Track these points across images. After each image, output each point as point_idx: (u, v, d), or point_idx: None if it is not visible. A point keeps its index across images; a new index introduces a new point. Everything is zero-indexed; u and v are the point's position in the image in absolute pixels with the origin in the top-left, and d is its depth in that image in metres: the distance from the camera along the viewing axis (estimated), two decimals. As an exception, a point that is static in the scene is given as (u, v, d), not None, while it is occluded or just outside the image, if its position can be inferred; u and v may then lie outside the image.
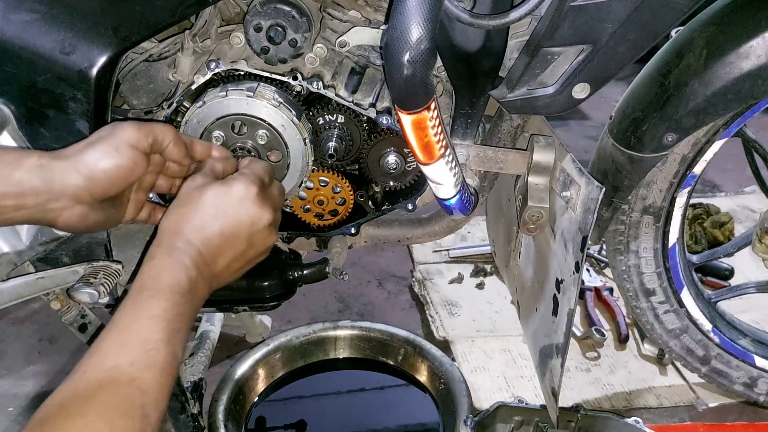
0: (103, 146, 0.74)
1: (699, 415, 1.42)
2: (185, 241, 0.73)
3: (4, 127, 0.89)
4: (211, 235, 0.75)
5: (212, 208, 0.76)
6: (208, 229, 0.75)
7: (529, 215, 1.01)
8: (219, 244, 0.76)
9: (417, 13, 0.74)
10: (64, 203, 0.73)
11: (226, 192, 0.77)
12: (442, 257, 1.88)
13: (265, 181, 0.82)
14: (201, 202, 0.76)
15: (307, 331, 1.43)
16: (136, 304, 0.67)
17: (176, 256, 0.72)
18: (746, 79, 1.01)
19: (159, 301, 0.68)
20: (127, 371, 0.62)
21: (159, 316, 0.66)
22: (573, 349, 1.57)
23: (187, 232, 0.74)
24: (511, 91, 0.93)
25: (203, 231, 0.75)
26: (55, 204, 0.72)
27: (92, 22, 0.87)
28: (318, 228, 1.16)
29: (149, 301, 0.68)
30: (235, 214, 0.77)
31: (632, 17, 0.84)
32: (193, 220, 0.75)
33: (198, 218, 0.75)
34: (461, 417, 1.21)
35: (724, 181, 2.31)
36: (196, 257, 0.73)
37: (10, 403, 1.39)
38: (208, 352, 1.32)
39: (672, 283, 1.29)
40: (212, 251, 0.76)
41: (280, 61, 1.00)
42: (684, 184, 1.20)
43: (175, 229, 0.75)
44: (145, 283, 0.69)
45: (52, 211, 0.73)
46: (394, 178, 1.10)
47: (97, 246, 1.00)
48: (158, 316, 0.66)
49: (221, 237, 0.76)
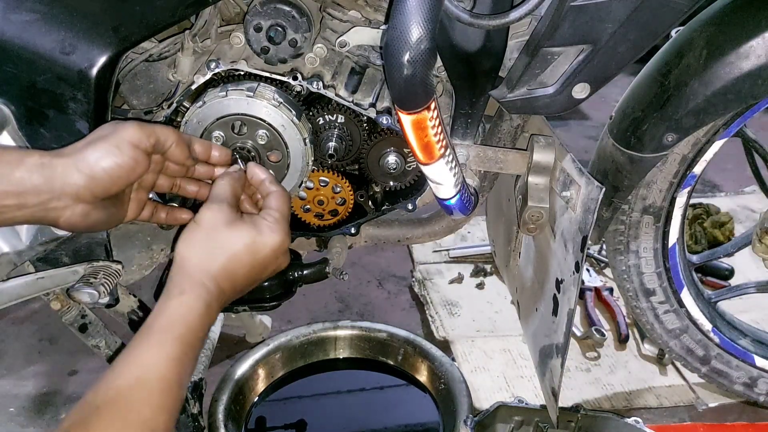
0: (104, 145, 0.74)
1: (699, 415, 1.42)
2: (216, 285, 0.74)
3: (4, 127, 0.89)
4: (242, 281, 0.77)
5: (247, 256, 0.76)
6: (240, 275, 0.77)
7: (529, 215, 1.01)
8: (243, 287, 0.79)
9: (417, 13, 0.74)
10: (65, 202, 0.73)
11: (261, 243, 0.77)
12: (442, 257, 1.88)
13: (288, 220, 0.82)
14: (233, 246, 0.76)
15: (307, 331, 1.43)
16: (160, 342, 0.68)
17: (206, 298, 0.73)
18: (746, 79, 1.01)
19: (182, 345, 0.69)
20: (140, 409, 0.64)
21: (178, 359, 0.68)
22: (573, 349, 1.57)
23: (219, 276, 0.75)
24: (511, 91, 0.93)
25: (235, 278, 0.76)
26: (57, 203, 0.72)
27: (92, 22, 0.87)
28: (318, 228, 1.16)
29: (173, 341, 0.69)
30: (267, 266, 0.79)
31: (632, 17, 0.84)
32: (226, 264, 0.75)
33: (231, 263, 0.76)
34: (461, 417, 1.21)
35: (724, 181, 2.31)
36: (222, 300, 0.75)
37: (11, 403, 1.39)
38: (208, 352, 1.32)
39: (672, 283, 1.29)
40: (237, 292, 0.78)
41: (280, 61, 1.00)
42: (684, 184, 1.20)
43: (207, 268, 0.75)
44: (173, 321, 0.70)
45: (53, 210, 0.73)
46: (394, 178, 1.10)
47: (97, 246, 1.00)
48: (178, 359, 0.68)
49: (247, 280, 0.78)
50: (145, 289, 1.28)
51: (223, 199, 0.79)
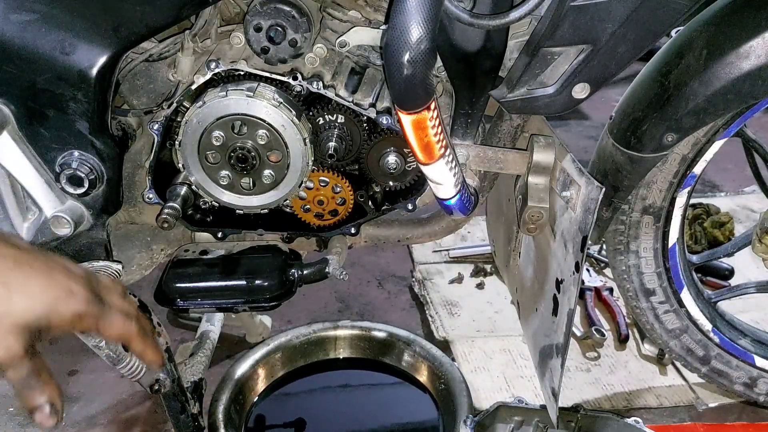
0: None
1: (699, 415, 1.42)
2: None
3: (4, 127, 0.89)
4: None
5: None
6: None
7: (529, 215, 1.01)
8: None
9: (417, 13, 0.74)
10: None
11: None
12: (442, 257, 1.88)
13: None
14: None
15: (307, 331, 1.43)
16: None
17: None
18: (746, 79, 1.01)
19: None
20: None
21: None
22: (573, 349, 1.57)
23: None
24: (511, 91, 0.93)
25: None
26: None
27: (92, 22, 0.88)
28: (318, 228, 1.16)
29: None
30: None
31: (632, 17, 0.84)
32: None
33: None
34: (461, 417, 1.21)
35: (724, 181, 2.31)
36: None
37: (11, 403, 1.39)
38: (208, 352, 1.32)
39: (672, 283, 1.29)
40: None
41: (280, 61, 1.00)
42: (684, 184, 1.19)
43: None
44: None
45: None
46: (394, 178, 1.10)
47: (97, 246, 1.00)
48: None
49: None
50: (145, 289, 1.28)
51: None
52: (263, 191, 1.06)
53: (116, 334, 0.71)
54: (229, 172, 1.04)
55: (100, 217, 0.99)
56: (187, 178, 1.06)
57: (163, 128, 1.03)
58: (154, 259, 1.16)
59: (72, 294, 0.66)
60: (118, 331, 0.71)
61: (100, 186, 0.97)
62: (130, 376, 1.03)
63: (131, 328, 0.72)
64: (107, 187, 0.98)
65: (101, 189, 0.97)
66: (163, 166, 1.08)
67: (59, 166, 0.94)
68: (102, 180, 0.97)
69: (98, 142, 0.94)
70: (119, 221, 1.14)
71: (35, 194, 0.95)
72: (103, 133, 0.94)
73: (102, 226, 1.00)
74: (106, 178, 0.97)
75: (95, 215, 0.99)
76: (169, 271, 1.08)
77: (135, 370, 1.03)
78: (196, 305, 1.09)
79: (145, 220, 1.14)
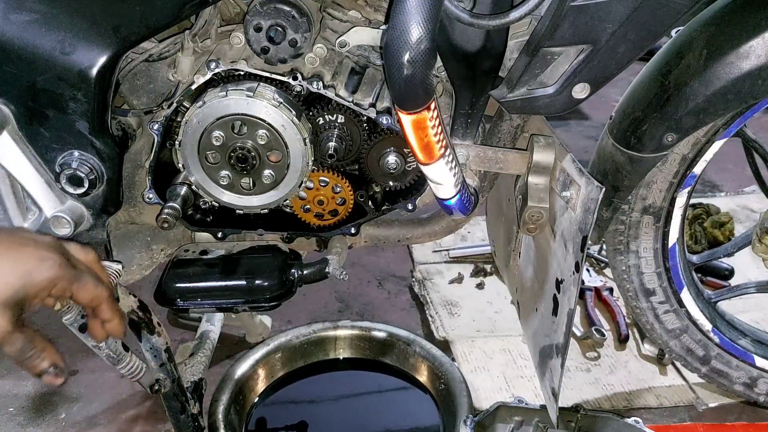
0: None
1: (699, 415, 1.42)
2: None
3: (4, 127, 0.89)
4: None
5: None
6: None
7: (529, 215, 1.01)
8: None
9: (417, 13, 0.74)
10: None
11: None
12: (442, 257, 1.88)
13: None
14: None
15: (307, 331, 1.43)
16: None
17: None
18: (746, 79, 1.01)
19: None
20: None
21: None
22: (573, 349, 1.57)
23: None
24: (511, 91, 0.93)
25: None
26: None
27: (92, 22, 0.88)
28: (318, 228, 1.16)
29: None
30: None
31: (632, 17, 0.84)
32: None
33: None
34: (461, 417, 1.21)
35: (724, 181, 2.31)
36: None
37: (11, 403, 1.39)
38: (208, 352, 1.32)
39: (672, 283, 1.29)
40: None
41: (280, 61, 1.00)
42: (684, 184, 1.19)
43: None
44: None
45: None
46: (394, 178, 1.10)
47: (97, 246, 1.00)
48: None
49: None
50: (145, 289, 1.28)
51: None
52: (263, 191, 1.06)
53: (89, 297, 0.73)
54: (229, 172, 1.04)
55: (100, 217, 0.99)
56: (187, 178, 1.06)
57: (163, 128, 1.03)
58: (154, 259, 1.16)
59: (43, 261, 0.68)
60: (90, 293, 0.73)
61: (100, 186, 0.97)
62: (130, 376, 1.03)
63: (103, 292, 0.73)
64: (107, 187, 0.98)
65: (101, 189, 0.97)
66: (163, 166, 1.08)
67: (59, 166, 0.94)
68: (102, 180, 0.97)
69: (98, 142, 0.94)
70: (119, 221, 1.14)
71: (35, 194, 0.95)
72: (103, 133, 0.94)
73: (102, 226, 1.00)
74: (106, 178, 0.97)
75: (95, 215, 0.99)
76: (169, 271, 1.08)
77: (135, 370, 1.03)
78: (196, 305, 1.09)
79: (145, 220, 1.14)
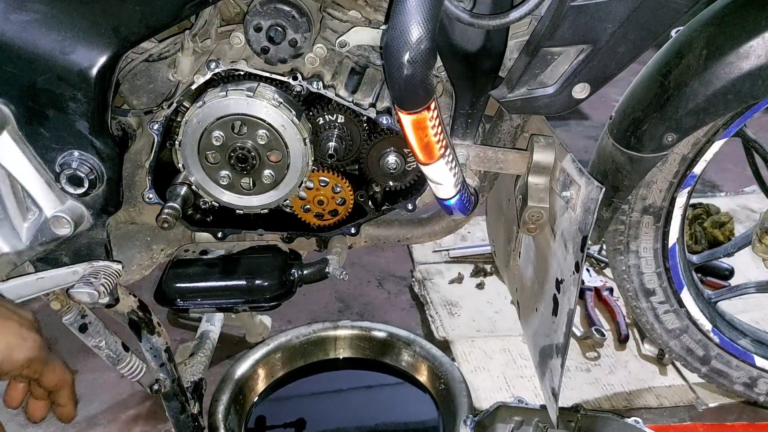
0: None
1: (699, 415, 1.42)
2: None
3: (4, 127, 0.89)
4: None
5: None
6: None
7: (529, 215, 1.01)
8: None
9: (417, 13, 0.74)
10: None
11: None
12: (442, 257, 1.88)
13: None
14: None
15: (307, 331, 1.43)
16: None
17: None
18: (746, 79, 1.01)
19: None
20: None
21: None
22: (573, 349, 1.57)
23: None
24: (511, 91, 0.93)
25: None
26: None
27: (92, 22, 0.87)
28: (318, 228, 1.16)
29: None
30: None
31: (632, 17, 0.84)
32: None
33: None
34: (461, 417, 1.21)
35: (724, 181, 2.31)
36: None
37: (10, 403, 1.39)
38: (208, 352, 1.32)
39: (672, 283, 1.29)
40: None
41: (280, 61, 1.00)
42: (684, 184, 1.20)
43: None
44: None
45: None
46: (394, 178, 1.10)
47: (97, 246, 1.00)
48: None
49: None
50: (145, 289, 1.28)
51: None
52: (263, 191, 1.06)
53: (55, 381, 0.74)
54: (229, 172, 1.04)
55: (100, 217, 0.99)
56: (187, 178, 1.06)
57: (163, 128, 1.03)
58: (154, 259, 1.16)
59: (25, 340, 0.69)
60: (57, 377, 0.74)
61: (100, 186, 0.97)
62: (130, 376, 1.03)
63: (68, 377, 0.76)
64: (107, 187, 0.98)
65: (101, 189, 0.97)
66: (163, 166, 1.08)
67: (59, 166, 0.94)
68: (102, 180, 0.97)
69: (98, 142, 0.94)
70: (119, 221, 1.14)
71: (35, 194, 0.95)
72: (103, 133, 0.94)
73: (102, 226, 1.00)
74: (106, 178, 0.97)
75: (95, 215, 0.99)
76: (169, 271, 1.08)
77: (135, 370, 1.03)
78: (196, 305, 1.09)
79: (145, 220, 1.14)
